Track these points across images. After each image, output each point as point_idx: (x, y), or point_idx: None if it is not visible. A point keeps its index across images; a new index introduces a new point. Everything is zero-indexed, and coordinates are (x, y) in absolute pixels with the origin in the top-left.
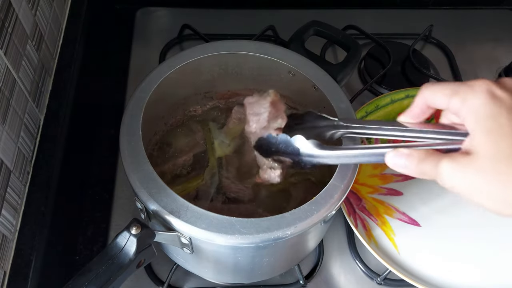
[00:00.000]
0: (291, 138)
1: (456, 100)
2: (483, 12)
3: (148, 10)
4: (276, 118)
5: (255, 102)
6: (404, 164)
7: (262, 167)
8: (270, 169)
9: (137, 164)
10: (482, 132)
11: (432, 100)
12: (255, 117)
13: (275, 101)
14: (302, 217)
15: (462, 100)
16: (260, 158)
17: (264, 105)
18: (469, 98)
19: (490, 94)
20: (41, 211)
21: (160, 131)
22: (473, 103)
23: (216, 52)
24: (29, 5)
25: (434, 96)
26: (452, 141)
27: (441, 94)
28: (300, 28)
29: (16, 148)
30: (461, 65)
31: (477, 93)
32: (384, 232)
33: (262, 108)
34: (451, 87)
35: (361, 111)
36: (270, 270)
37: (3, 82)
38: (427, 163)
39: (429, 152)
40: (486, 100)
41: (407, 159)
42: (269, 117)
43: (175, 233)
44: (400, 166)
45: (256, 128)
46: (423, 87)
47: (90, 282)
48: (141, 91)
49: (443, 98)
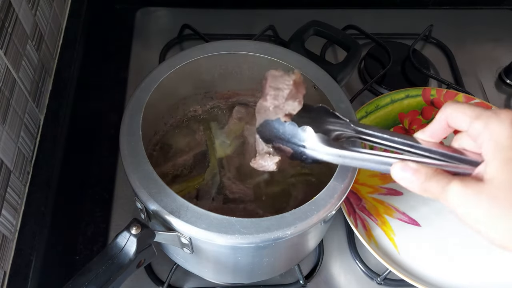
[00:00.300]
0: (299, 127)
1: (478, 124)
2: (483, 12)
3: (148, 10)
4: (294, 99)
5: (279, 76)
6: (410, 178)
7: (259, 152)
8: (268, 155)
9: (137, 164)
10: (499, 162)
11: (454, 119)
12: (274, 91)
13: (298, 82)
14: (302, 217)
15: (485, 125)
16: (259, 143)
17: (288, 82)
18: (493, 124)
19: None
20: (41, 211)
21: (160, 131)
22: (495, 131)
23: (216, 52)
24: (29, 5)
25: (457, 115)
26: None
27: (464, 115)
28: (300, 28)
29: (16, 148)
30: (461, 65)
31: (502, 121)
32: (384, 232)
33: (285, 85)
34: (475, 110)
35: (361, 111)
36: (270, 270)
37: (3, 82)
38: (434, 182)
39: (438, 171)
40: (510, 130)
41: (414, 174)
42: (288, 96)
43: (175, 233)
44: (405, 180)
45: (271, 104)
46: (446, 104)
47: (90, 282)
48: (141, 91)
49: (465, 118)
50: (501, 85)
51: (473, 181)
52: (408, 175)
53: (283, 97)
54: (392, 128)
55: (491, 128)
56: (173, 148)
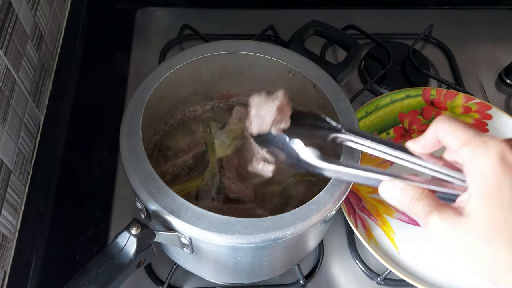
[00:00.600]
0: (289, 140)
1: (466, 151)
2: (483, 12)
3: (148, 10)
4: (279, 122)
5: (262, 103)
6: (396, 197)
7: (256, 156)
8: (264, 162)
9: (137, 164)
10: (481, 197)
11: (444, 138)
12: (258, 119)
13: (282, 105)
14: (302, 217)
15: (472, 154)
16: (255, 147)
17: (270, 110)
18: (479, 156)
19: (502, 159)
20: (41, 211)
21: (160, 131)
22: (481, 163)
23: (216, 52)
24: (29, 5)
25: (447, 134)
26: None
27: (454, 137)
28: (300, 28)
29: (16, 148)
30: (461, 65)
31: (489, 154)
32: (384, 232)
33: (268, 112)
34: (466, 134)
35: (361, 111)
36: (270, 270)
37: (3, 82)
38: (418, 207)
39: (424, 195)
40: (496, 166)
41: (401, 194)
42: (273, 123)
43: (175, 233)
44: (392, 199)
45: (257, 130)
46: (438, 120)
47: (90, 282)
48: (141, 91)
49: (454, 141)
50: (501, 85)
51: (453, 214)
52: (395, 193)
53: (267, 125)
54: (392, 128)
55: (478, 159)
56: (173, 148)
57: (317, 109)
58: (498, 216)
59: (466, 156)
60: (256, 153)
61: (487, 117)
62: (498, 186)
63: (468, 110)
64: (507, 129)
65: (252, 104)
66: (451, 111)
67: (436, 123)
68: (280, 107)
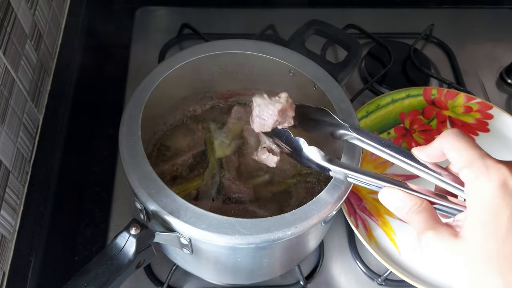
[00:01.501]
0: (294, 138)
1: (468, 173)
2: (484, 12)
3: (148, 9)
4: (281, 124)
5: (264, 105)
6: (395, 206)
7: (262, 145)
8: (269, 152)
9: (137, 164)
10: (478, 222)
11: (448, 153)
12: (259, 120)
13: (284, 108)
14: (303, 217)
15: (474, 177)
16: (262, 136)
17: (272, 113)
18: (480, 180)
19: (503, 186)
20: (40, 212)
21: (160, 131)
22: (481, 188)
23: (216, 51)
24: (28, 5)
25: (452, 151)
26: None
27: (458, 155)
28: (300, 27)
29: (15, 148)
30: (462, 64)
31: (490, 179)
32: (385, 233)
33: (269, 115)
34: (470, 155)
35: (361, 111)
36: (270, 271)
37: (2, 82)
38: (415, 219)
39: (422, 208)
40: (495, 192)
41: (400, 203)
42: (274, 124)
43: (175, 234)
44: (391, 206)
45: (258, 130)
46: (446, 134)
47: (90, 283)
48: (140, 90)
49: (458, 160)
50: (502, 85)
51: (448, 235)
52: (395, 201)
53: (269, 126)
54: (393, 128)
55: (479, 183)
56: (173, 148)
57: None
58: (492, 243)
59: (468, 177)
60: (262, 142)
61: (488, 117)
62: (495, 213)
63: (469, 109)
64: (508, 128)
65: (254, 104)
66: (452, 110)
67: (443, 137)
68: (282, 110)
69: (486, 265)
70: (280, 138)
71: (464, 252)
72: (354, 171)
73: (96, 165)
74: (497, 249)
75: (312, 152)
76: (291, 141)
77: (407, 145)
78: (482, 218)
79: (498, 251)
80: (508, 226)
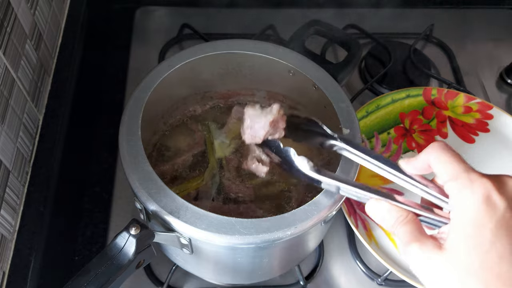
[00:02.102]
0: (283, 148)
1: (452, 186)
2: (484, 12)
3: (148, 9)
4: (272, 135)
5: (255, 116)
6: (381, 217)
7: (251, 154)
8: (258, 162)
9: (137, 164)
10: (461, 235)
11: (434, 166)
12: (250, 131)
13: (276, 119)
14: (302, 217)
15: (458, 190)
16: (252, 145)
17: (263, 124)
18: (464, 194)
19: (486, 199)
20: (40, 212)
21: (160, 131)
22: (465, 201)
23: (216, 51)
24: (28, 5)
25: (437, 164)
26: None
27: (443, 168)
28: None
29: (15, 148)
30: (462, 64)
31: (474, 193)
32: (385, 232)
33: (261, 126)
34: (454, 168)
35: (361, 111)
36: (270, 271)
37: (2, 81)
38: (401, 231)
39: (407, 220)
40: (479, 206)
41: (386, 214)
42: (265, 135)
43: (175, 234)
44: (377, 218)
45: (249, 140)
46: (432, 147)
47: (90, 283)
48: (140, 90)
49: (443, 173)
50: (502, 85)
51: (432, 247)
52: (381, 213)
53: (260, 138)
54: (393, 128)
55: (462, 198)
56: (173, 148)
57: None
58: (475, 256)
59: (452, 190)
60: (252, 152)
61: (488, 117)
62: (479, 226)
63: (469, 109)
64: (508, 129)
65: (246, 115)
66: (452, 110)
67: (429, 150)
68: (273, 121)
69: (471, 277)
70: (270, 148)
71: (447, 264)
72: (344, 182)
73: (96, 165)
74: (481, 261)
75: (300, 162)
76: (280, 151)
77: (407, 145)
78: (466, 231)
79: (481, 263)
80: (491, 239)
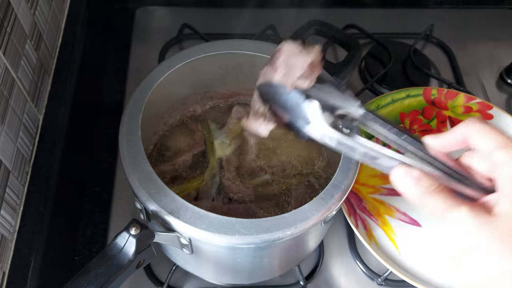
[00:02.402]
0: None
1: (502, 154)
2: (484, 12)
3: (148, 9)
4: (305, 78)
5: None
6: (410, 186)
7: (254, 111)
8: (262, 119)
9: (137, 164)
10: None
11: (475, 139)
12: (286, 68)
13: (315, 62)
14: (302, 217)
15: (509, 158)
16: (256, 101)
17: (302, 63)
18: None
19: None
20: (40, 212)
21: (160, 131)
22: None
23: (216, 51)
24: (28, 5)
25: (480, 136)
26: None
27: (489, 139)
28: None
29: (15, 148)
30: (462, 64)
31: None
32: (385, 233)
33: (299, 64)
34: (502, 138)
35: None
36: (270, 271)
37: (2, 82)
38: (437, 199)
39: (441, 189)
40: None
41: (416, 183)
42: (300, 76)
43: (175, 234)
44: (404, 188)
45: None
46: (470, 120)
47: (90, 283)
48: (140, 90)
49: (488, 143)
50: (502, 85)
51: (482, 212)
52: (409, 182)
53: (294, 77)
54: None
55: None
56: (173, 148)
57: None
58: None
59: (501, 158)
60: (257, 108)
61: (488, 117)
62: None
63: (469, 110)
64: (508, 129)
65: (283, 50)
66: (452, 111)
67: (468, 123)
68: (312, 63)
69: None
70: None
71: (498, 230)
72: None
73: (96, 165)
74: None
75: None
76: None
77: None
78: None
79: None
80: None
